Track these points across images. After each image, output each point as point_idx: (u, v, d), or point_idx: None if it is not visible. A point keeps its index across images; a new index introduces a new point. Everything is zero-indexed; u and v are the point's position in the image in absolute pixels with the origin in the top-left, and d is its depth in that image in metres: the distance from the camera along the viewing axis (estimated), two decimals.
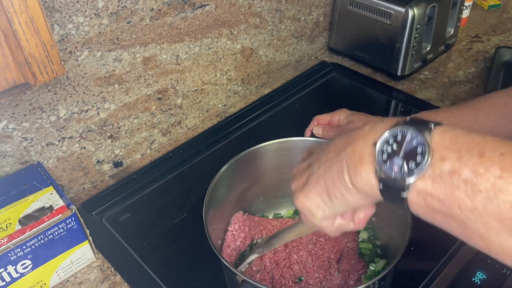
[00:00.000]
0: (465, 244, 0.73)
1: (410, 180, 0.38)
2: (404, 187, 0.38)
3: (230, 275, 0.63)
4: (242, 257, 0.72)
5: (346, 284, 0.67)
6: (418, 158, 0.37)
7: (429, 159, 0.37)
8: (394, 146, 0.39)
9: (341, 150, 0.43)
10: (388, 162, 0.39)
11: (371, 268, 0.69)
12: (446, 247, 0.73)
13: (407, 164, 0.38)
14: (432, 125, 0.38)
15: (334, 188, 0.44)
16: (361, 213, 0.48)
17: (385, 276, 0.56)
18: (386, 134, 0.40)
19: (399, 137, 0.39)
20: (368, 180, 0.40)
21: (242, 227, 0.74)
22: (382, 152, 0.39)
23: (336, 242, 0.72)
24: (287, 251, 0.71)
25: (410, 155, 0.38)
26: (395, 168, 0.38)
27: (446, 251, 0.72)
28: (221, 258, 0.59)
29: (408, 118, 0.40)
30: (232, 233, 0.73)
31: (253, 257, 0.69)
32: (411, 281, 0.68)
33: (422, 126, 0.38)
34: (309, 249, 0.71)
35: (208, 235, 0.61)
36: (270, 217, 0.80)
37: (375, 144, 0.40)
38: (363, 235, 0.74)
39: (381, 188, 0.40)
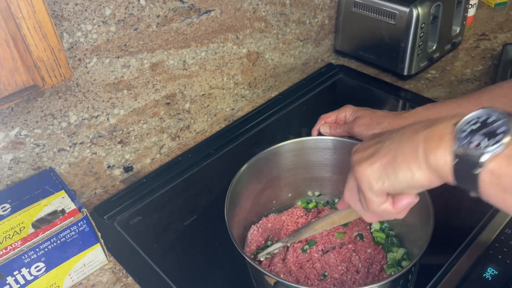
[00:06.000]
0: (476, 239, 0.72)
1: (486, 156, 0.39)
2: (478, 164, 0.39)
3: (259, 278, 0.63)
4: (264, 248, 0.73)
5: (372, 275, 0.68)
6: (499, 136, 0.39)
7: (509, 138, 0.38)
8: (476, 126, 0.40)
9: (419, 130, 0.44)
10: (467, 138, 0.40)
11: (391, 257, 0.70)
12: (457, 243, 0.73)
13: (487, 140, 0.39)
14: None
15: (404, 162, 0.44)
16: (404, 200, 0.49)
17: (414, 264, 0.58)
18: (470, 115, 0.41)
19: (482, 118, 0.41)
20: (443, 156, 0.41)
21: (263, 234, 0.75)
22: (462, 130, 0.41)
23: (349, 230, 0.74)
24: (309, 251, 0.71)
25: (491, 135, 0.39)
26: (473, 145, 0.39)
27: (457, 246, 0.72)
28: (250, 261, 0.59)
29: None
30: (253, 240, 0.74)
31: (276, 245, 0.70)
32: (422, 276, 0.68)
33: (508, 113, 0.40)
34: (325, 242, 0.72)
35: (231, 235, 0.61)
36: None
37: (457, 123, 0.41)
38: (375, 226, 0.75)
39: (454, 163, 0.40)
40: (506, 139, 0.38)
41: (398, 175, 0.45)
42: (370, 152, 0.48)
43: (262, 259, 0.70)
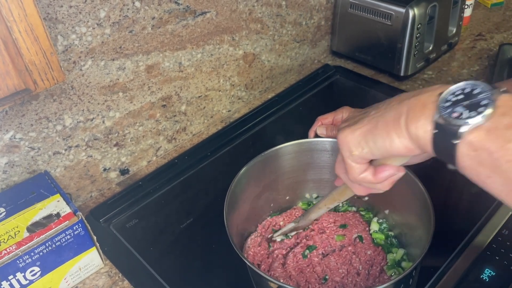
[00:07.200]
0: (473, 240, 0.72)
1: (466, 127, 0.38)
2: (457, 134, 0.38)
3: (261, 283, 0.63)
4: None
5: (372, 276, 0.68)
6: (481, 109, 0.38)
7: (491, 111, 0.38)
8: (460, 97, 0.40)
9: (404, 99, 0.44)
10: (449, 108, 0.39)
11: (391, 258, 0.70)
12: (454, 244, 0.73)
13: (469, 112, 0.38)
14: (503, 89, 0.39)
15: (384, 129, 0.44)
16: (385, 171, 0.49)
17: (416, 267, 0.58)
18: (455, 86, 0.41)
19: (467, 90, 0.40)
20: (424, 124, 0.41)
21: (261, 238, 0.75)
22: (446, 100, 0.40)
23: (348, 232, 0.74)
24: (309, 256, 0.71)
25: (474, 106, 0.39)
26: (455, 115, 0.39)
27: (454, 248, 0.72)
28: (252, 266, 0.59)
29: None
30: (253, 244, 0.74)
31: (289, 226, 0.71)
32: (420, 278, 0.68)
33: (493, 86, 0.39)
34: (325, 246, 0.72)
35: (231, 240, 0.61)
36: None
37: (441, 94, 0.41)
38: (374, 227, 0.75)
39: (434, 132, 0.40)
40: (487, 112, 0.38)
41: (377, 141, 0.45)
42: (355, 121, 0.49)
43: (278, 240, 0.72)
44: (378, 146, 0.45)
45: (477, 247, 0.71)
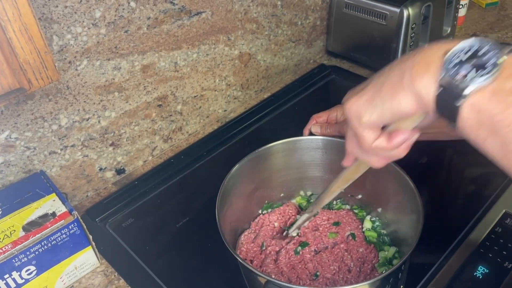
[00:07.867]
0: (467, 238, 0.73)
1: (471, 88, 0.38)
2: (461, 95, 0.38)
3: (251, 278, 0.63)
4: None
5: (364, 273, 0.68)
6: (487, 70, 0.37)
7: (497, 72, 0.37)
8: (466, 56, 0.39)
9: (407, 59, 0.43)
10: (454, 69, 0.38)
11: (382, 256, 0.71)
12: (448, 241, 0.73)
13: (475, 72, 0.38)
14: (511, 49, 0.38)
15: (390, 90, 0.43)
16: (400, 135, 0.47)
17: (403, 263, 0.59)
18: (462, 44, 0.39)
19: (474, 48, 0.39)
20: (428, 83, 0.40)
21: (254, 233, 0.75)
22: (451, 60, 0.39)
23: (341, 230, 0.74)
24: (301, 253, 0.71)
25: (480, 66, 0.38)
26: (460, 75, 0.38)
27: (448, 245, 0.72)
28: (242, 261, 0.59)
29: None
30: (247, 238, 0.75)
31: (304, 217, 0.71)
32: (413, 275, 0.68)
33: (503, 45, 0.39)
34: (317, 243, 0.73)
35: (223, 236, 0.61)
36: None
37: (446, 52, 0.40)
38: (367, 225, 0.75)
39: (438, 93, 0.39)
40: (493, 73, 0.37)
41: (384, 103, 0.44)
42: (360, 89, 0.48)
43: (294, 234, 0.72)
44: (386, 108, 0.44)
45: (470, 245, 0.71)
